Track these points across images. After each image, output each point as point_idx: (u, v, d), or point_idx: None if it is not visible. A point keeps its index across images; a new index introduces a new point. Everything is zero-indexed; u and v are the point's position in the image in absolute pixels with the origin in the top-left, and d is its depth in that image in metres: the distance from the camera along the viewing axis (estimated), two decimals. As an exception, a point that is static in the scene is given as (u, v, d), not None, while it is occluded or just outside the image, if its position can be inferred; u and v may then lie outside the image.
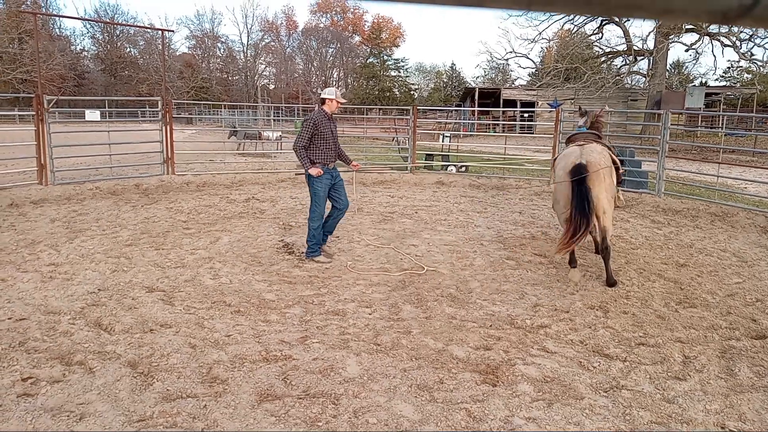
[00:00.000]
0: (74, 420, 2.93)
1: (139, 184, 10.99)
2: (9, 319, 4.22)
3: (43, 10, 53.70)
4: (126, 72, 61.29)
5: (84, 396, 3.17)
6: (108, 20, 61.08)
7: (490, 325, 4.40)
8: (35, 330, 4.04)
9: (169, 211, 8.83)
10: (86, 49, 66.76)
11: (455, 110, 38.35)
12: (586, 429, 2.98)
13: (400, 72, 77.18)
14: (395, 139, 20.44)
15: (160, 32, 40.65)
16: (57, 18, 59.75)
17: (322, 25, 76.91)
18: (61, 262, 5.82)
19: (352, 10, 78.95)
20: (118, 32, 64.33)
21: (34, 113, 10.21)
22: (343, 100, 6.40)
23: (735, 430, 3.01)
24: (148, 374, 3.44)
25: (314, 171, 6.02)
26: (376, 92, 71.56)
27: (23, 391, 3.20)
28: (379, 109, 52.94)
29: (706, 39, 32.35)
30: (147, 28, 59.30)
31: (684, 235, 7.88)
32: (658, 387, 3.47)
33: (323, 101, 6.27)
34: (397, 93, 73.99)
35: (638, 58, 34.87)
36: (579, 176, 5.25)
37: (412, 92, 75.89)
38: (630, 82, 41.68)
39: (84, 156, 13.02)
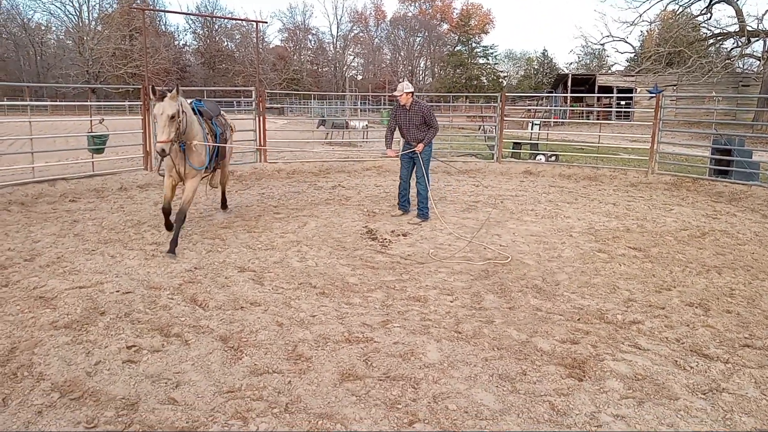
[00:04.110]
0: (171, 387, 3.14)
1: (234, 171, 11.52)
2: (117, 291, 4.58)
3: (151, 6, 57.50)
4: (223, 65, 64.41)
5: (180, 366, 3.38)
6: (208, 14, 64.38)
7: (578, 319, 4.23)
8: (139, 303, 4.36)
9: (261, 196, 9.21)
10: (188, 44, 71.09)
11: (546, 97, 37.05)
12: (680, 431, 2.80)
13: (488, 59, 75.68)
14: (481, 127, 20.09)
15: (254, 25, 42.33)
16: (163, 14, 63.76)
17: (410, 14, 76.82)
18: (162, 241, 6.23)
19: (440, -3, 78.13)
20: (216, 27, 67.70)
21: (141, 104, 10.97)
22: (397, 94, 7.42)
23: None
24: (237, 349, 3.61)
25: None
26: (463, 80, 70.61)
27: (128, 357, 3.46)
28: (466, 97, 52.14)
29: (835, 16, 29.08)
30: (243, 20, 61.88)
31: (801, 232, 7.17)
32: (765, 392, 3.19)
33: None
34: (485, 81, 72.61)
35: (752, 39, 31.94)
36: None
37: (500, 80, 74.19)
38: (742, 66, 38.35)
39: (184, 144, 13.82)
